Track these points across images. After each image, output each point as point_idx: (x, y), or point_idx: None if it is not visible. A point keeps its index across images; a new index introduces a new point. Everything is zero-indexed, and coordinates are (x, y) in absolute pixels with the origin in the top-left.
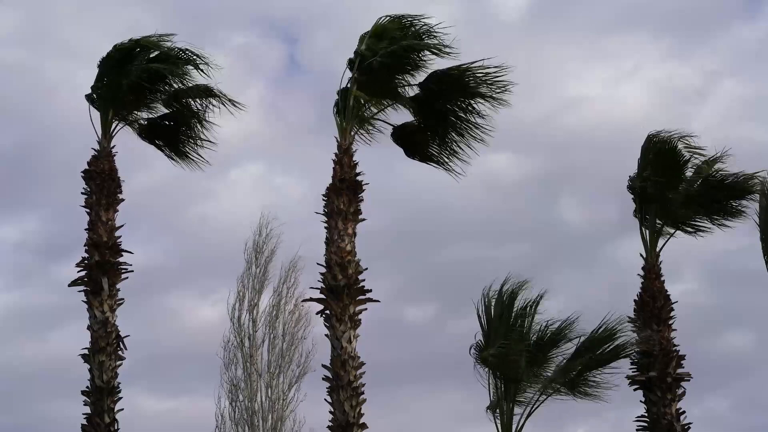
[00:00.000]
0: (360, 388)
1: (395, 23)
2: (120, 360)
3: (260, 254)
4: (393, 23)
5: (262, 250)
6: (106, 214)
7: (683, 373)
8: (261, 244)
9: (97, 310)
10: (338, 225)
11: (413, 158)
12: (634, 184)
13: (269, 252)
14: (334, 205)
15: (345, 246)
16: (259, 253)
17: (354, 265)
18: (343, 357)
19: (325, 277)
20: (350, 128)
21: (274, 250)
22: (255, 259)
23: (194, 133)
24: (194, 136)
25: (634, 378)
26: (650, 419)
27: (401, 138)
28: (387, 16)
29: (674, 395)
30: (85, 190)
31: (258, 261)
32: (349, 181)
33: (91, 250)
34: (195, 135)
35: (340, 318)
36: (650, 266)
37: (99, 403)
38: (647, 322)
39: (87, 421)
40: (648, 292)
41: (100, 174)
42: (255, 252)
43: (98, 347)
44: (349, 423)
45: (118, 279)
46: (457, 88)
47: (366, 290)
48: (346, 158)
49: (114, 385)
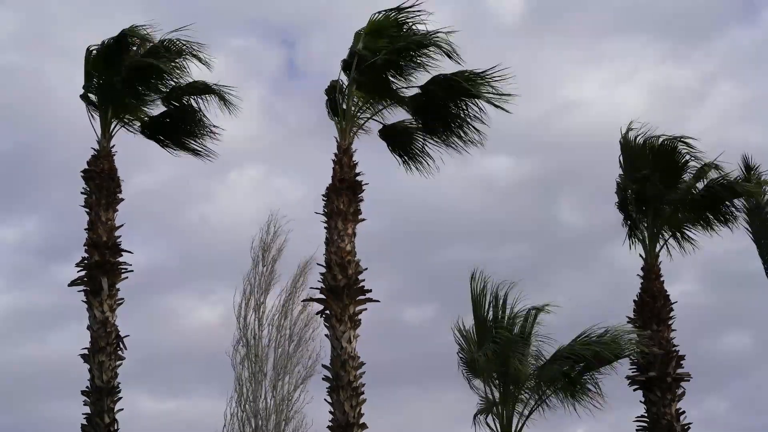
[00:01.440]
0: (360, 388)
1: (391, 20)
2: (120, 360)
3: (267, 252)
4: (388, 20)
5: (269, 249)
6: (106, 214)
7: (683, 373)
8: (268, 242)
9: (97, 310)
10: (338, 225)
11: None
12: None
13: (276, 250)
14: (333, 205)
15: (345, 246)
16: (266, 252)
17: (354, 265)
18: (343, 357)
19: (325, 277)
20: (349, 128)
21: (281, 248)
22: (262, 258)
23: (196, 127)
24: (197, 130)
25: (634, 378)
26: (650, 419)
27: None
28: (381, 12)
29: (674, 395)
30: (85, 190)
31: (265, 260)
32: (349, 182)
33: (91, 250)
34: (197, 129)
35: (340, 318)
36: (650, 267)
37: (99, 403)
38: (647, 322)
39: (87, 421)
40: (648, 293)
41: (100, 174)
42: (262, 250)
43: (98, 347)
44: (349, 423)
45: (118, 279)
46: (460, 92)
47: (366, 290)
48: (345, 158)
49: (114, 385)
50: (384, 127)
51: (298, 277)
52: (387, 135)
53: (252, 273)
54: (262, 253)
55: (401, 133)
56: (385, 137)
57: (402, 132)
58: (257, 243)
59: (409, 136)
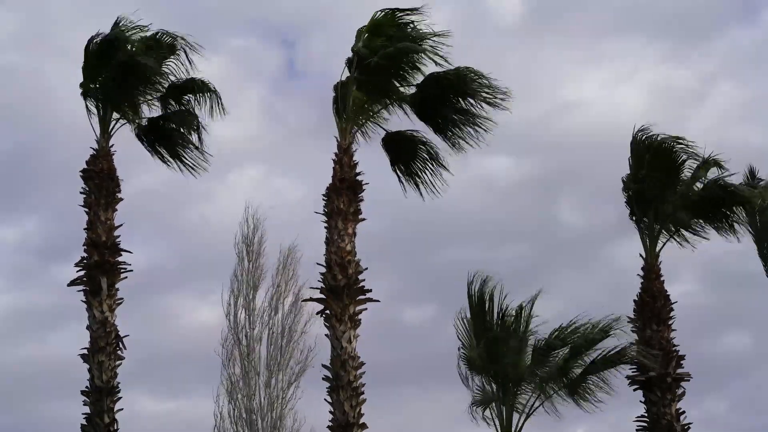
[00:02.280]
0: (360, 388)
1: (391, 19)
2: (119, 360)
3: (250, 246)
4: (388, 19)
5: (252, 242)
6: (105, 214)
7: (683, 373)
8: (250, 236)
9: (97, 310)
10: (338, 225)
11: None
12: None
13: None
14: (334, 204)
15: (345, 246)
16: (249, 246)
17: (354, 265)
18: (343, 357)
19: (325, 277)
20: (350, 128)
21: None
22: (246, 253)
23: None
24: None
25: (634, 378)
26: (650, 419)
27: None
28: (382, 10)
29: (674, 395)
30: (84, 190)
31: (250, 254)
32: (349, 181)
33: (90, 249)
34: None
35: (340, 318)
36: (650, 266)
37: (99, 403)
38: (647, 322)
39: (87, 421)
40: (648, 293)
41: (99, 173)
42: (245, 245)
43: (98, 347)
44: (349, 423)
45: (117, 278)
46: (456, 91)
47: (366, 290)
48: (345, 158)
49: (113, 385)
50: (387, 135)
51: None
52: (389, 145)
53: (238, 269)
54: (245, 248)
55: (404, 143)
56: (387, 148)
57: (406, 141)
58: (239, 237)
59: (413, 147)
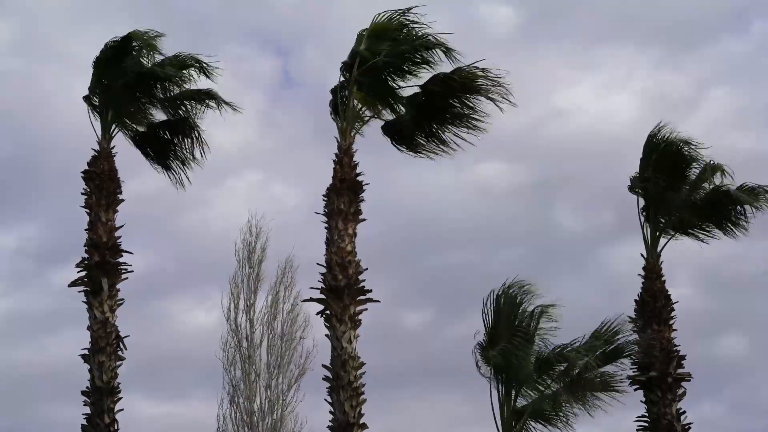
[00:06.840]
0: (360, 389)
1: (394, 22)
2: (120, 360)
3: (252, 253)
4: (391, 22)
5: (254, 249)
6: (106, 215)
7: (684, 373)
8: (252, 243)
9: (97, 311)
10: (338, 225)
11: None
12: (634, 184)
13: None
14: (334, 205)
15: (345, 246)
16: (251, 253)
17: (354, 265)
18: (344, 357)
19: (325, 278)
20: (350, 129)
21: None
22: (248, 259)
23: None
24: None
25: (635, 378)
26: (650, 419)
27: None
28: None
29: (674, 395)
30: (85, 191)
31: (251, 260)
32: (350, 182)
33: (91, 250)
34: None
35: (340, 318)
36: (651, 266)
37: (99, 403)
38: (648, 322)
39: (87, 421)
40: (649, 293)
41: (100, 174)
42: (247, 251)
43: (98, 347)
44: (350, 423)
45: (118, 279)
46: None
47: (366, 290)
48: (346, 158)
49: (114, 385)
50: (386, 123)
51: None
52: (389, 130)
53: (238, 274)
54: (247, 253)
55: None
56: (387, 131)
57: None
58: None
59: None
